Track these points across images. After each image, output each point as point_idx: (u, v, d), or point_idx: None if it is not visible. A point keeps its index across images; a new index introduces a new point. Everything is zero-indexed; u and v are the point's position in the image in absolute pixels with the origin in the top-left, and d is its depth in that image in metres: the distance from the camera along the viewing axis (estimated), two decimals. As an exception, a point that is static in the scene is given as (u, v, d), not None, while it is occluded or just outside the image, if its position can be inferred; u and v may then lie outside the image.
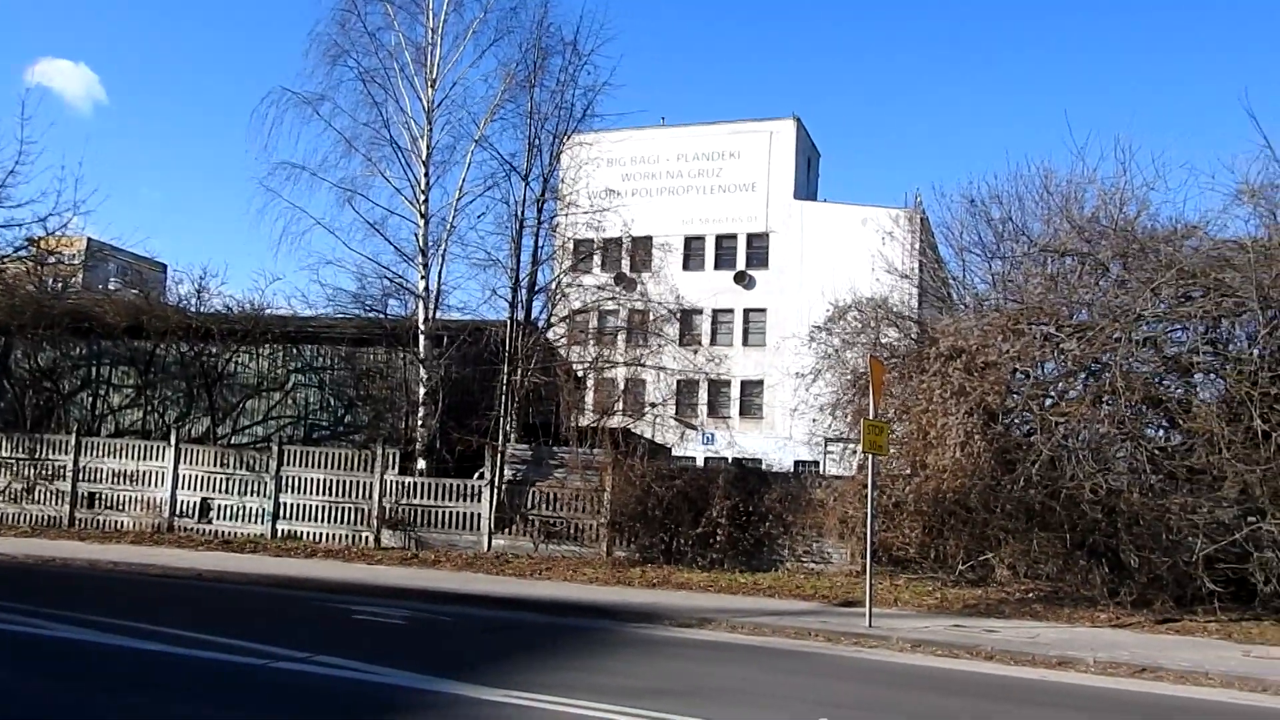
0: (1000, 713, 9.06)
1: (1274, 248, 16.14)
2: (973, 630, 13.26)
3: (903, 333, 20.35)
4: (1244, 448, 14.94)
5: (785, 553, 19.32)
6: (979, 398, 16.42)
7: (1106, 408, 16.09)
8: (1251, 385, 15.15)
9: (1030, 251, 19.33)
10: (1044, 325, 17.10)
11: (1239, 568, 14.96)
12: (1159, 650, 12.14)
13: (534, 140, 22.74)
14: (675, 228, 47.15)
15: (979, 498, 16.25)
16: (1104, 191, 18.64)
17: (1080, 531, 15.89)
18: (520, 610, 14.30)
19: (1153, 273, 16.64)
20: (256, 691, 8.47)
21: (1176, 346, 16.87)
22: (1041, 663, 11.43)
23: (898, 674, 10.81)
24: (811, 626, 13.10)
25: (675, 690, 9.14)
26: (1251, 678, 10.61)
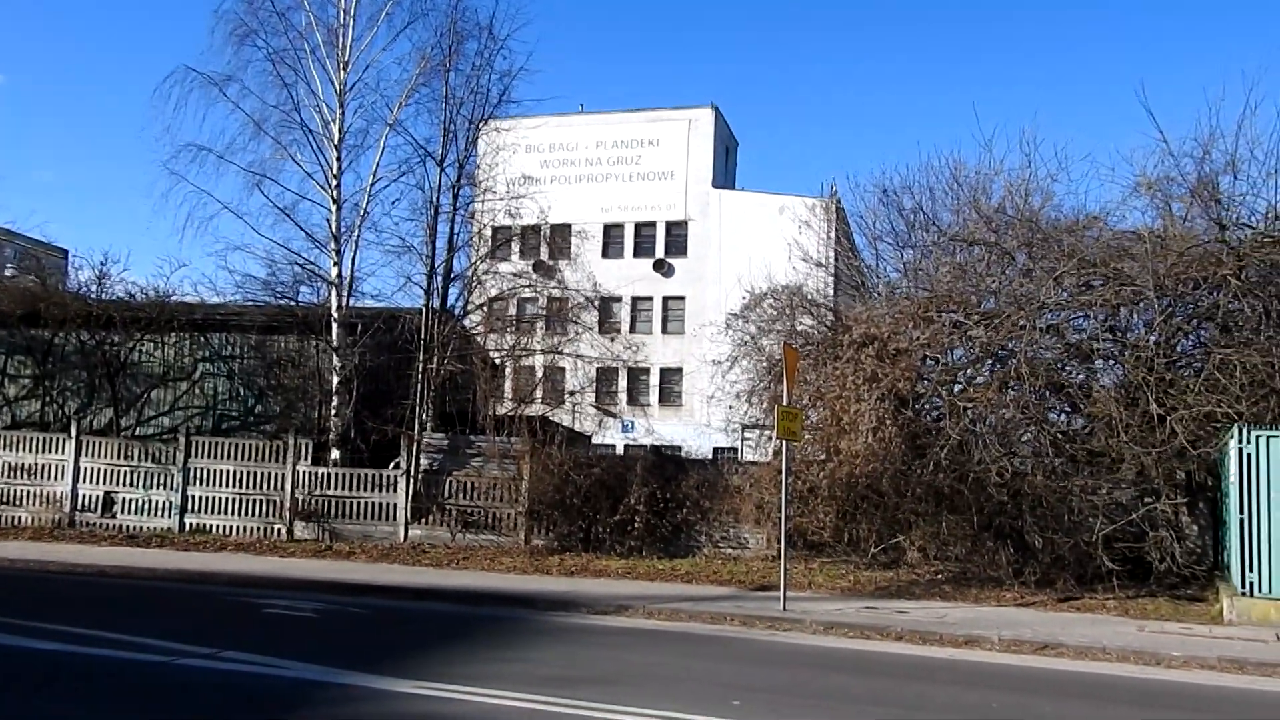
0: (905, 691, 9.25)
1: (1169, 239, 16.78)
2: (884, 612, 13.52)
3: (817, 320, 20.63)
4: (1141, 431, 15.51)
5: (703, 539, 19.48)
6: (890, 384, 16.74)
7: (1012, 393, 16.55)
8: (1148, 371, 15.74)
9: (940, 241, 19.78)
10: (953, 313, 17.52)
11: (1136, 546, 15.54)
12: (1060, 627, 12.54)
13: (449, 125, 22.47)
14: (594, 215, 47.04)
15: (890, 482, 16.58)
16: (1010, 183, 19.19)
17: (987, 514, 16.33)
18: (436, 601, 14.17)
19: (1056, 262, 17.17)
20: (157, 691, 8.24)
21: (1078, 334, 17.44)
22: (949, 642, 11.72)
23: (810, 656, 10.97)
24: (727, 611, 13.22)
25: (589, 677, 9.15)
26: (1145, 652, 11.03)
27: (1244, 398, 15.05)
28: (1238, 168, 16.90)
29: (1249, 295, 15.69)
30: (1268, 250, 16.06)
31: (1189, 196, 17.36)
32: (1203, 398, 15.38)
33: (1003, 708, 8.68)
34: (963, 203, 19.69)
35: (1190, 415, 15.32)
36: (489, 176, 23.89)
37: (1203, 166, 17.16)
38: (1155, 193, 17.62)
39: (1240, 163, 16.84)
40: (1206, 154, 17.08)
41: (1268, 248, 16.10)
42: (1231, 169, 16.94)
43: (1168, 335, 16.60)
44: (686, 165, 49.09)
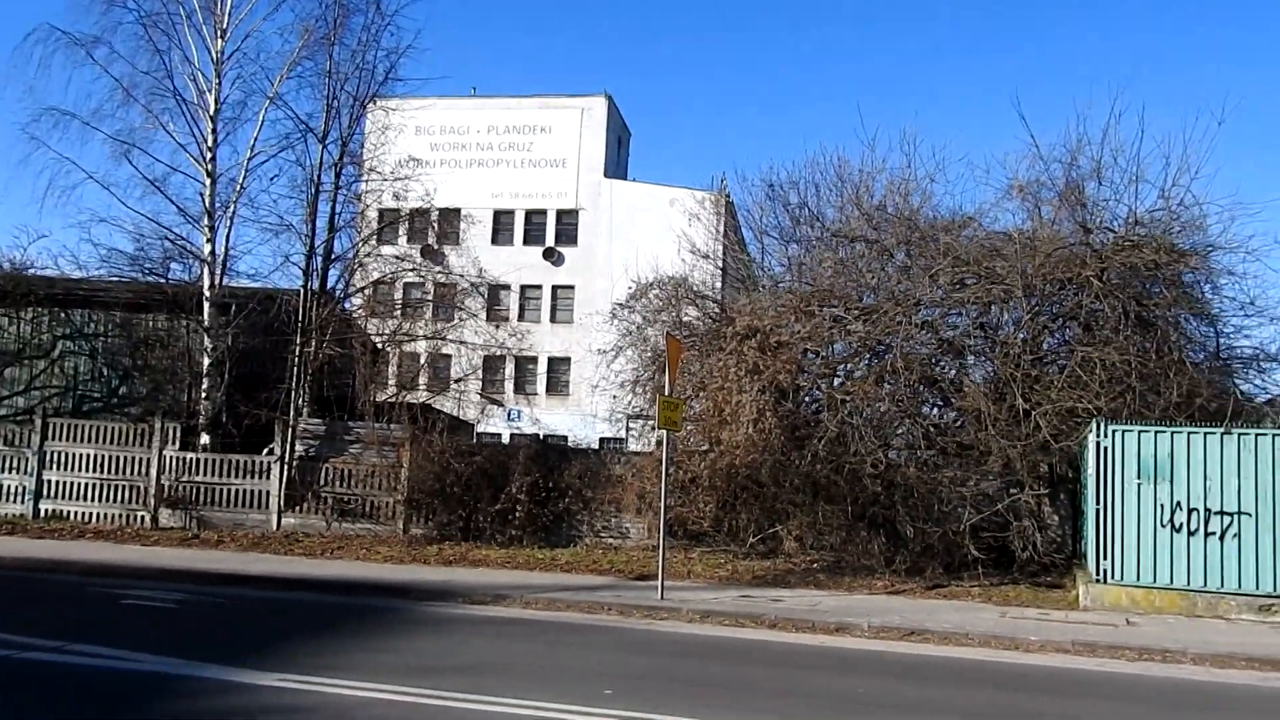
0: (776, 678, 9.39)
1: (1038, 240, 17.41)
2: (759, 600, 13.70)
3: (702, 312, 20.76)
4: (1007, 425, 16.08)
5: (584, 528, 19.45)
6: (772, 376, 16.96)
7: (888, 387, 16.96)
8: (1015, 367, 16.33)
9: (823, 236, 20.09)
10: (834, 307, 17.84)
11: (1001, 536, 16.13)
12: (927, 614, 12.90)
13: (333, 101, 21.89)
14: (484, 201, 46.49)
15: (770, 473, 16.81)
16: (891, 181, 19.60)
17: (862, 504, 16.72)
18: (308, 591, 13.80)
19: (932, 260, 17.64)
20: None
21: (951, 330, 17.95)
22: (821, 629, 11.94)
23: (685, 645, 11.04)
24: (605, 601, 13.21)
25: (462, 667, 9.02)
26: (1006, 637, 11.44)
27: (1103, 394, 15.71)
28: (1102, 174, 17.61)
29: (1109, 296, 16.37)
30: (1127, 254, 16.80)
31: (1057, 200, 18.02)
32: (1065, 393, 16.02)
33: (869, 693, 8.87)
34: (846, 200, 20.04)
35: (1053, 410, 15.94)
36: (374, 156, 23.35)
37: (1070, 172, 17.84)
38: (1026, 196, 18.25)
39: (1105, 169, 17.54)
40: (1074, 160, 17.76)
41: (1127, 251, 16.84)
42: (1096, 175, 17.65)
43: (1034, 333, 17.23)
44: (579, 154, 48.91)
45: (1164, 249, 16.92)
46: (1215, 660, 10.51)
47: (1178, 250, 17.22)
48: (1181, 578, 13.42)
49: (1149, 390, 15.88)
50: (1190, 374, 16.30)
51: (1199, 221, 17.25)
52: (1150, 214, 17.42)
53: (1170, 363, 16.22)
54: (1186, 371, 16.27)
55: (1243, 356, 18.03)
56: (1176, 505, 13.52)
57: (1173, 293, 17.19)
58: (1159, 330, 16.63)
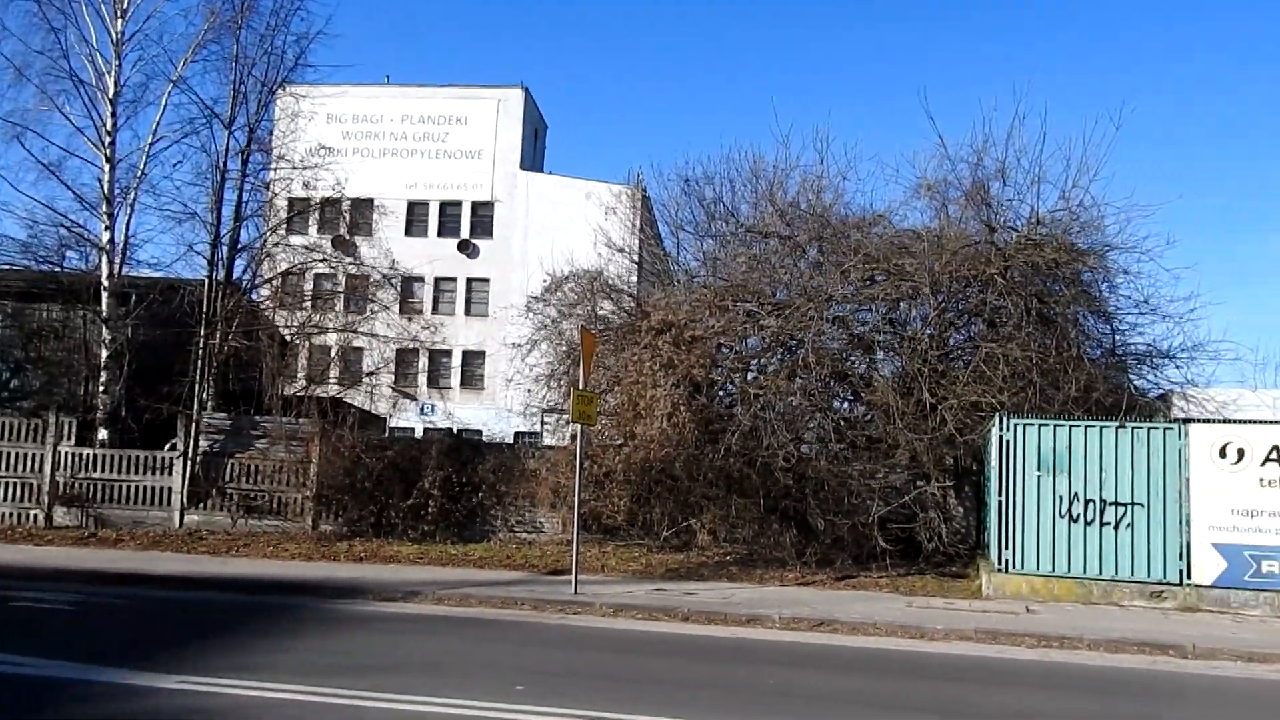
0: (688, 670, 9.46)
1: (945, 238, 17.82)
2: (673, 593, 13.78)
3: (618, 306, 20.79)
4: (914, 418, 16.45)
5: (498, 523, 19.33)
6: (686, 370, 17.07)
7: (800, 381, 17.20)
8: (923, 362, 16.71)
9: (738, 232, 20.28)
10: (747, 303, 18.03)
11: (908, 527, 16.51)
12: (836, 604, 13.13)
13: (240, 86, 21.32)
14: (398, 191, 45.83)
15: (684, 466, 16.92)
16: (805, 178, 19.86)
17: (774, 497, 16.94)
18: (212, 590, 13.45)
19: (844, 257, 17.95)
20: (-124, 693, 7.41)
21: (862, 326, 18.30)
22: (734, 621, 12.06)
23: (598, 639, 11.05)
24: (518, 596, 13.15)
25: (370, 666, 8.87)
26: (912, 626, 11.71)
27: (1006, 388, 16.18)
28: (1006, 174, 18.11)
29: (1012, 294, 16.86)
30: (1029, 253, 17.31)
31: (964, 199, 18.47)
32: (970, 388, 16.45)
33: (778, 683, 8.98)
34: (760, 196, 20.24)
35: (959, 404, 16.37)
36: (284, 144, 22.82)
37: (976, 172, 18.30)
38: (934, 194, 18.68)
39: (1009, 170, 18.05)
40: (980, 160, 18.23)
41: (1029, 250, 17.35)
42: (1001, 175, 18.14)
43: (941, 329, 17.66)
44: (495, 145, 48.46)
45: (1064, 248, 17.49)
46: (1109, 646, 10.91)
47: (1077, 249, 17.81)
48: (1078, 566, 13.90)
49: (1049, 385, 16.40)
50: (1088, 369, 16.89)
51: (1097, 222, 17.89)
52: (1051, 214, 17.99)
53: (1069, 359, 16.77)
54: (1084, 367, 16.85)
55: (1137, 353, 18.74)
56: (1074, 496, 13.99)
57: (1072, 291, 17.78)
58: (1059, 327, 17.18)
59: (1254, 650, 10.68)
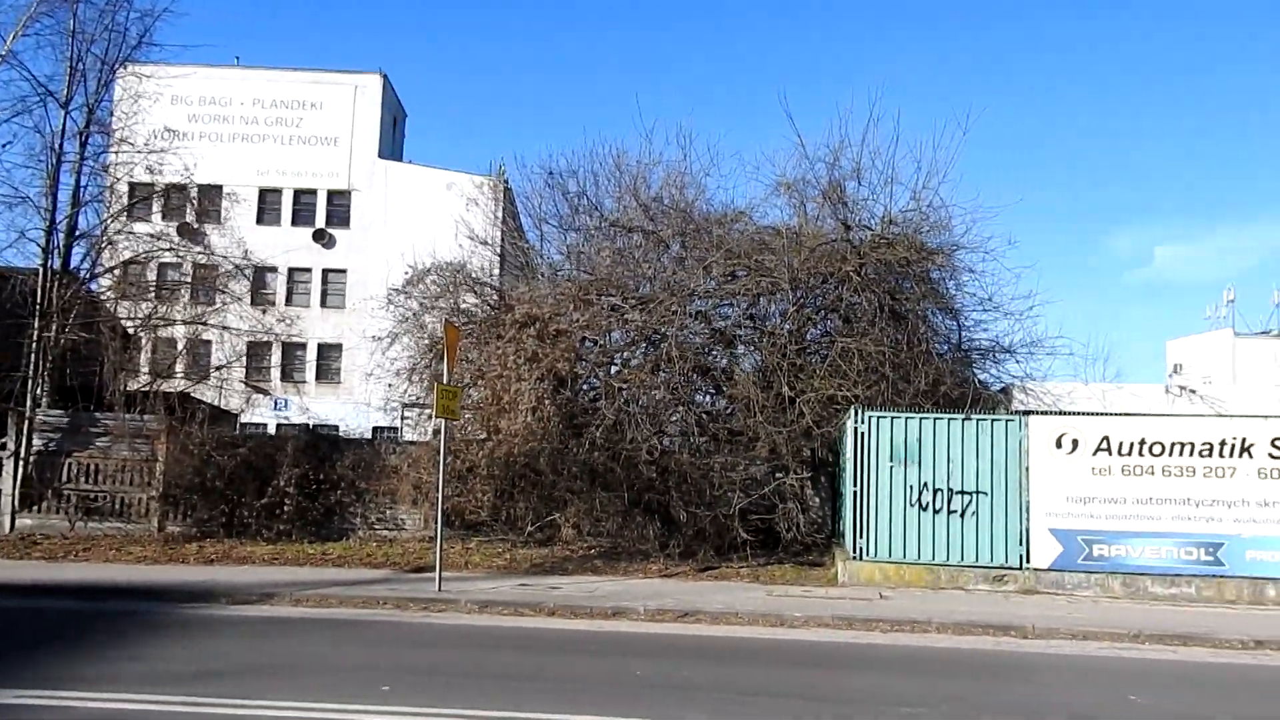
0: (555, 664, 9.48)
1: (804, 236, 18.31)
2: (538, 588, 13.77)
3: (481, 299, 20.58)
4: (774, 411, 16.87)
5: (358, 521, 18.90)
6: (550, 364, 17.05)
7: (663, 375, 17.40)
8: (782, 357, 17.14)
9: (602, 226, 20.35)
10: (611, 296, 18.12)
11: (767, 518, 16.92)
12: (699, 595, 13.37)
13: (77, 64, 20.14)
14: (249, 178, 44.13)
15: (548, 461, 16.91)
16: (668, 174, 20.07)
17: (638, 490, 17.10)
18: (50, 597, 12.71)
19: (706, 252, 18.23)
20: None
21: (723, 320, 18.63)
22: (599, 614, 12.13)
23: (464, 636, 10.96)
24: (380, 595, 12.91)
25: (228, 671, 8.57)
26: (772, 614, 12.03)
27: (860, 382, 16.76)
28: (861, 174, 18.71)
29: (867, 290, 17.46)
30: (882, 251, 17.95)
31: (821, 198, 18.99)
32: (827, 382, 16.97)
33: (646, 674, 9.09)
34: (624, 190, 20.36)
35: (816, 398, 16.87)
36: (125, 126, 21.67)
37: (833, 171, 18.83)
38: (793, 193, 19.13)
39: (864, 170, 18.65)
40: (836, 160, 18.76)
41: (882, 249, 17.99)
42: (856, 175, 18.72)
43: (799, 324, 18.14)
44: (352, 133, 47.16)
45: (915, 247, 18.20)
46: (956, 629, 11.46)
47: (926, 248, 18.55)
48: (928, 553, 14.53)
49: (900, 379, 17.06)
50: (936, 364, 17.65)
51: (945, 222, 18.67)
52: (903, 214, 18.68)
53: (919, 353, 17.49)
54: (933, 362, 17.61)
55: (981, 348, 19.66)
56: (924, 486, 14.62)
57: (922, 288, 18.52)
58: (909, 323, 17.87)
59: (1087, 629, 11.40)
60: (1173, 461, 14.09)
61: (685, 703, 7.81)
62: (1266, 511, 13.76)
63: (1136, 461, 14.17)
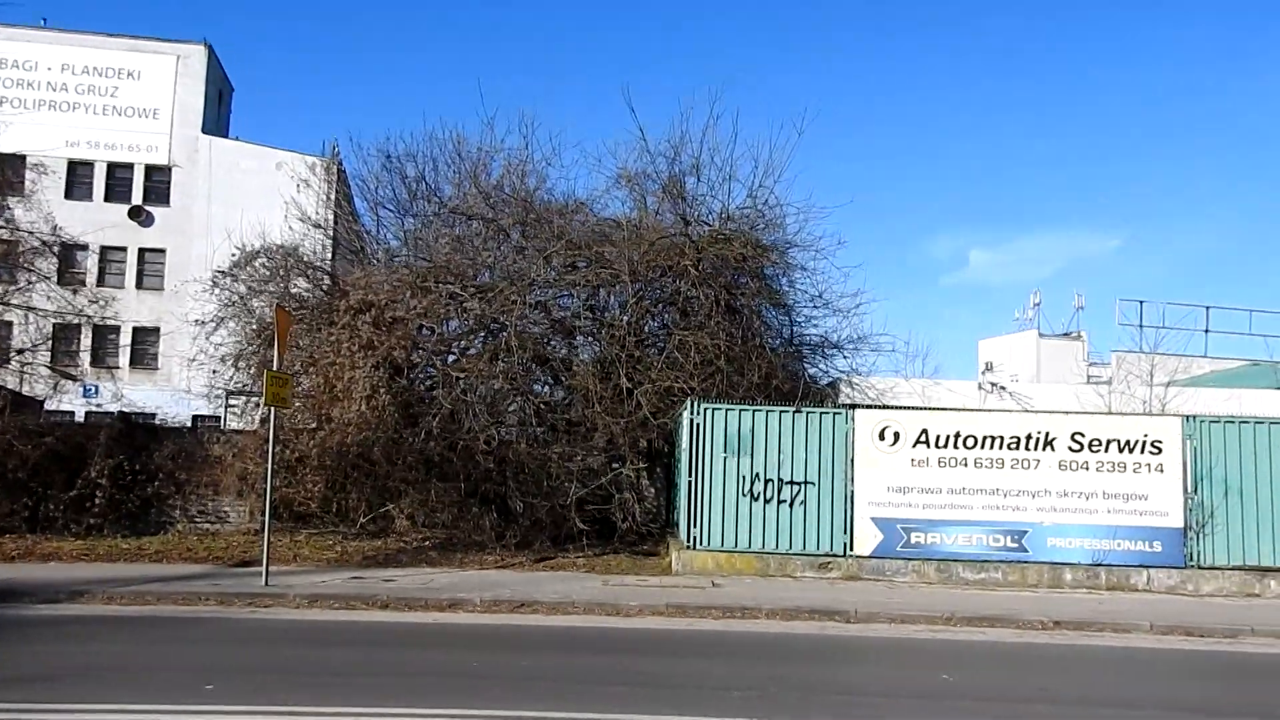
0: (388, 658, 9.32)
1: (644, 229, 18.53)
2: (371, 581, 13.49)
3: (314, 284, 19.95)
4: (612, 402, 17.04)
5: (177, 514, 18.09)
6: (386, 352, 16.70)
7: (502, 364, 17.29)
8: (620, 348, 17.32)
9: (441, 212, 20.04)
10: (450, 284, 17.86)
11: (604, 508, 17.09)
12: (535, 586, 13.39)
13: None
14: (57, 148, 41.24)
15: (382, 451, 16.56)
16: (509, 162, 19.95)
17: (474, 481, 16.97)
18: None
19: (546, 242, 18.22)
20: None
21: (563, 311, 18.66)
22: (434, 606, 12.00)
23: (293, 631, 10.63)
24: (202, 591, 12.38)
25: (36, 674, 8.03)
26: (608, 603, 12.17)
27: (696, 374, 17.11)
28: (701, 170, 19.07)
29: (704, 285, 17.82)
30: (720, 246, 18.35)
31: (661, 192, 19.27)
32: (664, 374, 17.25)
33: (482, 665, 9.06)
34: (464, 176, 20.10)
35: (653, 389, 17.12)
36: (-88, 88, 19.90)
37: (673, 166, 19.13)
38: (634, 186, 19.34)
39: (703, 167, 19.01)
40: (677, 155, 19.07)
41: (720, 244, 18.39)
42: (696, 171, 19.07)
43: (638, 316, 18.35)
44: (173, 105, 44.71)
45: (750, 243, 18.69)
46: (784, 614, 11.89)
47: (761, 245, 19.07)
48: (758, 541, 14.99)
49: (735, 372, 17.50)
50: (769, 358, 18.19)
51: (780, 221, 19.25)
52: (740, 211, 19.17)
53: (753, 347, 17.98)
54: (766, 355, 18.13)
55: (811, 343, 20.35)
56: (755, 476, 15.07)
57: (756, 284, 19.04)
58: (744, 318, 18.36)
59: (904, 613, 12.03)
60: (984, 454, 14.99)
61: (523, 693, 7.83)
62: (1066, 501, 14.82)
63: (952, 454, 15.01)
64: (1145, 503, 14.73)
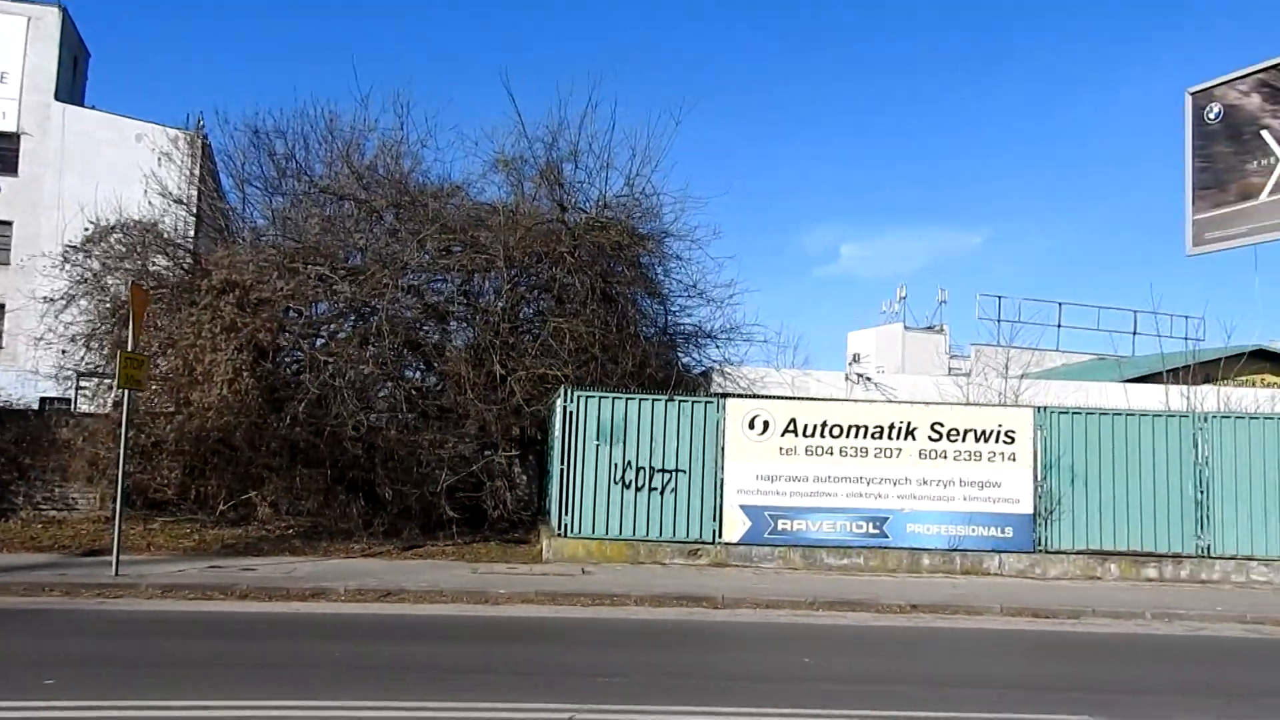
0: (246, 649, 9.05)
1: (520, 215, 18.40)
2: (230, 570, 13.05)
3: (174, 262, 19.12)
4: (485, 389, 16.88)
5: (20, 500, 17.21)
6: (251, 334, 16.16)
7: (372, 349, 16.95)
8: (495, 334, 17.18)
9: (311, 192, 19.47)
10: (319, 266, 17.39)
11: (475, 496, 16.93)
12: (404, 574, 13.18)
13: None
14: (-110, 110, 38.48)
15: (245, 436, 16.05)
16: (384, 142, 19.52)
17: (342, 467, 16.60)
18: None
19: (420, 225, 17.90)
20: None
21: (437, 296, 18.38)
22: (296, 596, 11.68)
23: (144, 623, 10.22)
24: (46, 581, 11.78)
25: None
26: (478, 591, 12.07)
27: (571, 362, 17.10)
28: (578, 157, 19.01)
29: (580, 272, 17.81)
30: (596, 234, 18.37)
31: (539, 178, 19.14)
32: (538, 361, 17.18)
33: (345, 655, 8.87)
34: (336, 156, 19.56)
35: (527, 376, 17.03)
36: None
37: (551, 152, 19.02)
38: (511, 171, 19.17)
39: (581, 153, 18.96)
40: (555, 141, 18.97)
41: (596, 232, 18.41)
42: (573, 158, 19.01)
43: (513, 303, 18.22)
44: (23, 70, 42.11)
45: (627, 232, 18.78)
46: (653, 601, 12.01)
47: (638, 234, 19.18)
48: (629, 529, 15.09)
49: (609, 360, 17.57)
50: (643, 346, 18.31)
51: (656, 210, 19.39)
52: (617, 199, 19.20)
53: (628, 335, 18.07)
54: (640, 344, 18.25)
55: (685, 333, 20.59)
56: (627, 464, 15.17)
57: (632, 272, 19.13)
58: (620, 306, 18.42)
59: (770, 599, 12.29)
60: (849, 443, 15.42)
61: (388, 682, 7.70)
62: (925, 489, 15.37)
63: (819, 443, 15.39)
64: (999, 490, 15.40)
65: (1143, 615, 12.23)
